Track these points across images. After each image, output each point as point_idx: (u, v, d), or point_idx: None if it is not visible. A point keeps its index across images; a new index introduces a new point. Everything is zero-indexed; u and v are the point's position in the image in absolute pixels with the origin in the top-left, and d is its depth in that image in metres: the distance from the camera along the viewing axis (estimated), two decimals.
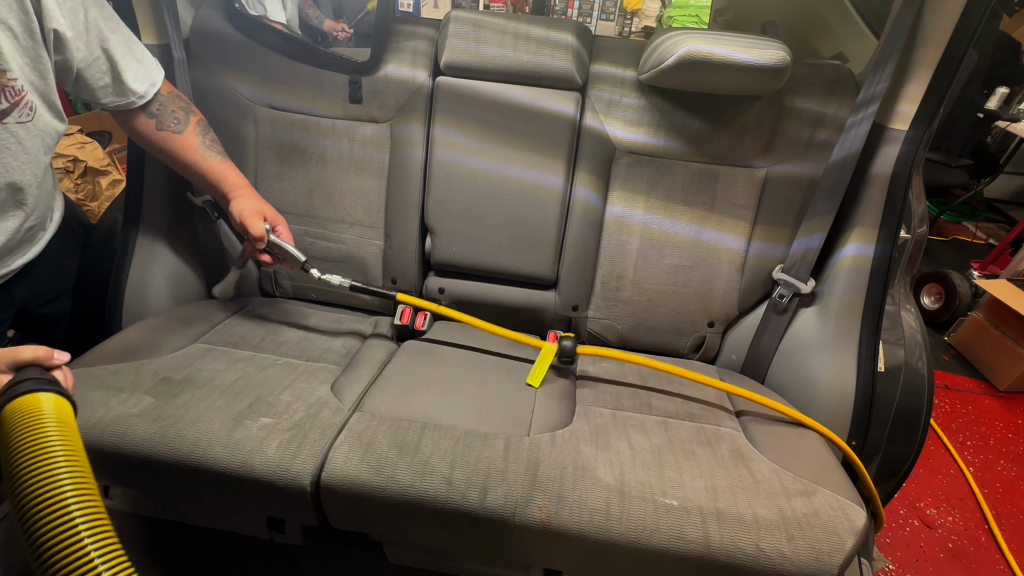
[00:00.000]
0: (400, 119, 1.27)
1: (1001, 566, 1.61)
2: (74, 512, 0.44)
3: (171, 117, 1.03)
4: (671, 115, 1.23)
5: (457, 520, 0.83)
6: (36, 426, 0.49)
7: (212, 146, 1.08)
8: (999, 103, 3.03)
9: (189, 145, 1.05)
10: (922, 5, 1.02)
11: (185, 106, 1.07)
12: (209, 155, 1.07)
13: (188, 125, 1.05)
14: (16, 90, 0.78)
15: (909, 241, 1.11)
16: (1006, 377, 2.29)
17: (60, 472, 0.46)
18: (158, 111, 1.03)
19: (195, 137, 1.05)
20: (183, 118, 1.05)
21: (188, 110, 1.07)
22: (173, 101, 1.05)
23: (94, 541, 0.44)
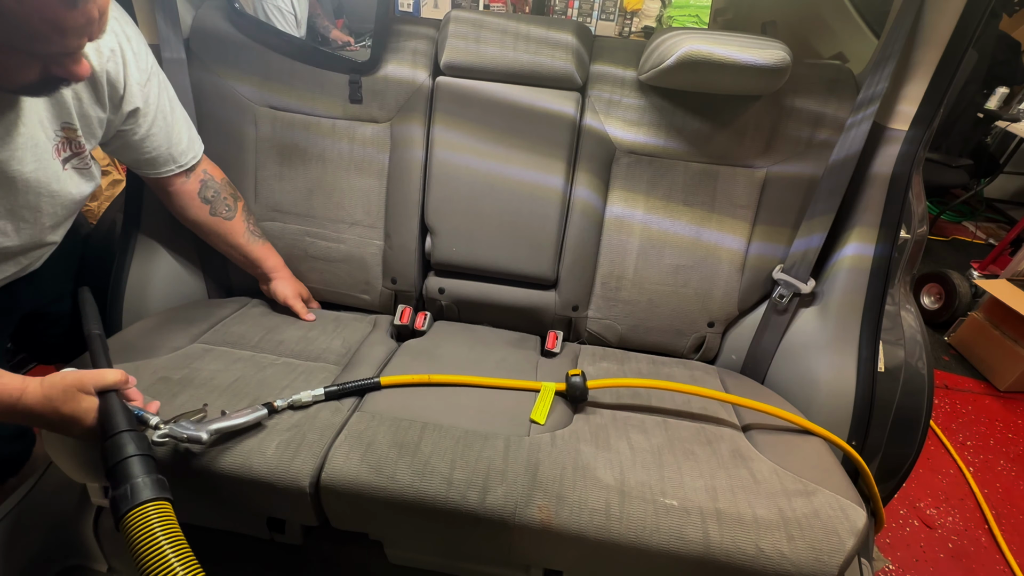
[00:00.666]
0: (400, 119, 1.27)
1: (1001, 566, 1.60)
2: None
3: (223, 204, 1.14)
4: (671, 115, 1.23)
5: (457, 520, 0.83)
6: (151, 537, 0.60)
7: (255, 231, 1.21)
8: (999, 103, 3.03)
9: (237, 231, 1.18)
10: (922, 5, 1.02)
11: (234, 193, 1.18)
12: (253, 240, 1.20)
13: (236, 212, 1.17)
14: (80, 144, 0.88)
15: (909, 241, 1.11)
16: (1006, 377, 2.29)
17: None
18: (212, 197, 1.13)
19: (242, 224, 1.18)
20: (232, 205, 1.17)
21: (236, 197, 1.18)
22: (225, 188, 1.16)
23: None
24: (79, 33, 0.65)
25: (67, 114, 0.85)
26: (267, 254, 1.23)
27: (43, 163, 0.82)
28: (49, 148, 0.83)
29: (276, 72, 1.26)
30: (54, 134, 0.83)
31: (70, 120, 0.85)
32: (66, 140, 0.86)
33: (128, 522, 0.61)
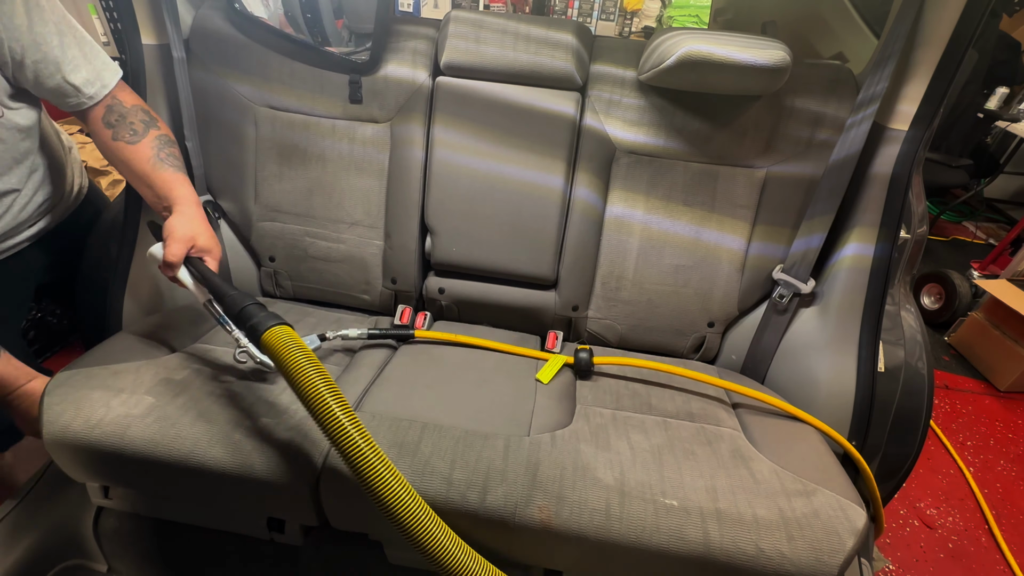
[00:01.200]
0: (400, 119, 1.27)
1: (1001, 566, 1.61)
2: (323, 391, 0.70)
3: (128, 128, 1.02)
4: (671, 115, 1.23)
5: (457, 520, 0.83)
6: (294, 348, 0.74)
7: (167, 160, 1.04)
8: (999, 103, 3.03)
9: (141, 156, 1.02)
10: (922, 5, 1.02)
11: (148, 120, 1.05)
12: (161, 167, 1.02)
13: (145, 137, 1.03)
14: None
15: (909, 241, 1.11)
16: (1006, 377, 2.29)
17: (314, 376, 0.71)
18: (116, 121, 1.02)
19: (149, 150, 1.03)
20: (141, 131, 1.03)
21: (150, 124, 1.05)
22: (135, 113, 1.04)
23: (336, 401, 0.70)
24: None
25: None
26: (176, 184, 1.02)
27: None
28: None
29: (276, 72, 1.26)
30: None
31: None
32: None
33: (269, 338, 0.76)
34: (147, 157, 1.02)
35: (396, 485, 0.69)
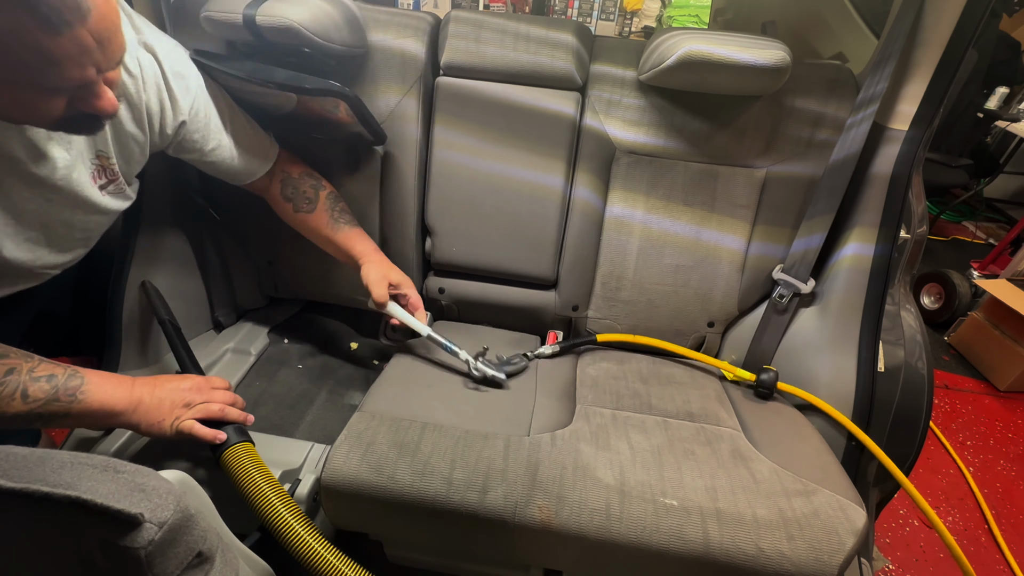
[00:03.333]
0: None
1: (1001, 566, 1.61)
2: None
3: (303, 199, 1.13)
4: (671, 115, 1.23)
5: (457, 520, 0.83)
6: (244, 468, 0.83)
7: (341, 217, 1.14)
8: (999, 103, 3.03)
9: (321, 223, 1.13)
10: (922, 5, 1.02)
11: (315, 183, 1.14)
12: (339, 227, 1.14)
13: (318, 203, 1.13)
14: (115, 171, 0.89)
15: (909, 241, 1.11)
16: (1006, 377, 2.29)
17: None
18: (292, 195, 1.12)
19: (325, 214, 1.13)
20: (313, 196, 1.13)
21: (318, 187, 1.14)
22: (304, 181, 1.14)
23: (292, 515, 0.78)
24: (77, 63, 0.63)
25: (103, 141, 0.85)
26: (354, 240, 1.14)
27: (81, 189, 0.83)
28: (87, 175, 0.84)
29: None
30: (89, 163, 0.84)
31: (104, 148, 0.86)
32: (101, 168, 0.86)
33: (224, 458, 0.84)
34: (325, 222, 1.13)
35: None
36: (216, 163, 1.02)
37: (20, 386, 0.71)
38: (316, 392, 1.21)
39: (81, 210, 0.86)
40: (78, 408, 0.76)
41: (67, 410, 0.75)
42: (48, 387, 0.73)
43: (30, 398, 0.72)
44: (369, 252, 1.15)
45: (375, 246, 1.17)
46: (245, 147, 1.05)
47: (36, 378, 0.72)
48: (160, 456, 0.94)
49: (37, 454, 0.50)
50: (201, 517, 0.53)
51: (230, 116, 1.02)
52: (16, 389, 0.71)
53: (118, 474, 0.49)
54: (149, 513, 0.47)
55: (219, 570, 0.56)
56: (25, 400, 0.71)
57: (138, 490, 0.48)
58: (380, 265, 1.14)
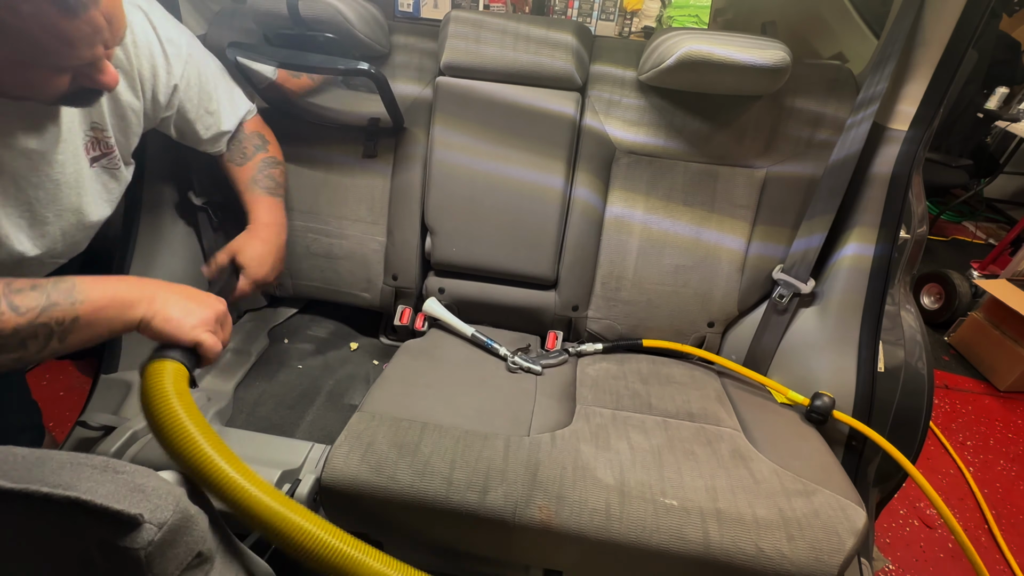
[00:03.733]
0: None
1: (1001, 566, 1.61)
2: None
3: (240, 151, 1.12)
4: (671, 115, 1.23)
5: (457, 520, 0.83)
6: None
7: (262, 181, 1.12)
8: (999, 103, 3.03)
9: (241, 178, 1.12)
10: (922, 5, 1.02)
11: (258, 143, 1.14)
12: (253, 188, 1.11)
13: (250, 160, 1.13)
14: (109, 144, 0.88)
15: (909, 241, 1.11)
16: (1006, 377, 2.29)
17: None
18: (232, 145, 1.12)
19: (249, 171, 1.12)
20: (250, 154, 1.13)
21: (260, 148, 1.14)
22: (250, 139, 1.13)
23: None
24: (89, 42, 0.64)
25: (98, 114, 0.85)
26: (259, 208, 1.10)
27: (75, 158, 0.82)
28: (79, 145, 0.83)
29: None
30: (83, 133, 0.84)
31: (100, 120, 0.86)
32: (95, 140, 0.86)
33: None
34: (247, 179, 1.11)
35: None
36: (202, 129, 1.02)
37: (3, 300, 0.64)
38: (316, 392, 1.21)
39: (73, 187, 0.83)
40: (85, 308, 0.68)
41: (74, 313, 0.67)
42: (36, 294, 0.66)
43: (22, 308, 0.65)
44: (271, 225, 1.09)
45: (277, 222, 1.11)
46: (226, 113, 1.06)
47: (17, 289, 0.66)
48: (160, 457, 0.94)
49: (37, 454, 0.50)
50: (201, 517, 0.53)
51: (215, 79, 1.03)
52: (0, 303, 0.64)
53: (118, 474, 0.49)
54: (149, 514, 0.47)
55: (219, 571, 0.56)
56: (18, 312, 0.64)
57: (138, 491, 0.48)
58: (248, 239, 1.06)
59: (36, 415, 1.15)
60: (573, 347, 1.28)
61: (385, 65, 1.30)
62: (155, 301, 0.73)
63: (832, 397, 1.06)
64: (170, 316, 0.74)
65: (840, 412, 1.06)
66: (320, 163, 1.31)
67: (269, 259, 1.07)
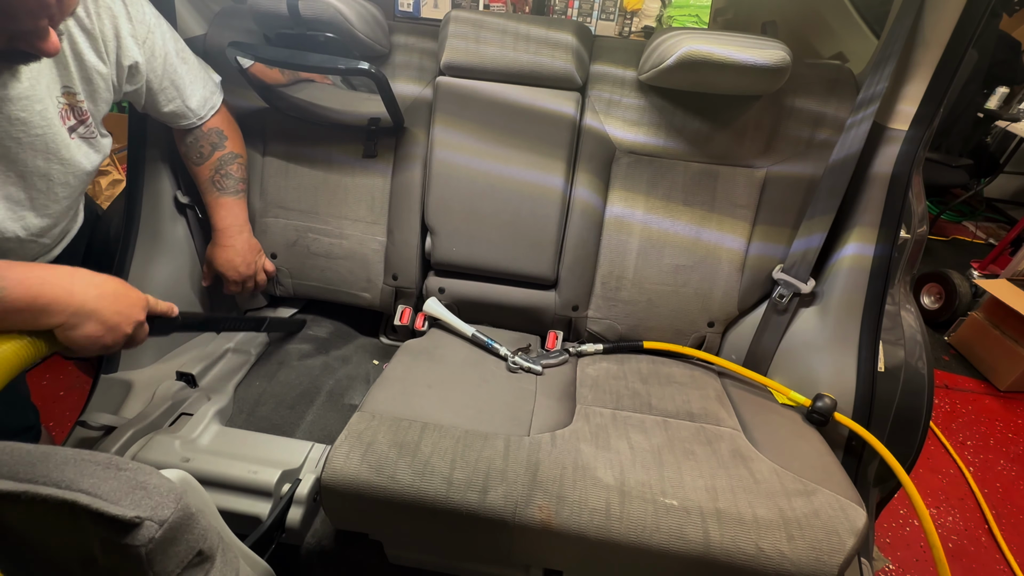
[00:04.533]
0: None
1: (1001, 566, 1.61)
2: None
3: (196, 151, 1.12)
4: (671, 115, 1.23)
5: (457, 520, 0.83)
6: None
7: (221, 181, 1.15)
8: (999, 103, 3.03)
9: (202, 178, 1.14)
10: (922, 5, 1.02)
11: (215, 141, 1.14)
12: (211, 190, 1.14)
13: (208, 160, 1.13)
14: (83, 110, 0.86)
15: (909, 241, 1.11)
16: (1006, 377, 2.29)
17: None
18: (191, 143, 1.12)
19: (208, 171, 1.14)
20: (207, 153, 1.13)
21: (217, 146, 1.14)
22: (208, 136, 1.13)
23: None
24: (32, 15, 0.63)
25: (68, 77, 0.84)
26: (219, 208, 1.12)
27: (51, 128, 0.81)
28: (55, 113, 0.82)
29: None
30: (56, 100, 0.82)
31: (70, 84, 0.84)
32: (69, 107, 0.85)
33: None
34: (205, 179, 1.14)
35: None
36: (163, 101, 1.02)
37: None
38: (316, 392, 1.21)
39: (56, 158, 0.84)
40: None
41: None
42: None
43: None
44: (230, 230, 1.13)
45: (235, 223, 1.15)
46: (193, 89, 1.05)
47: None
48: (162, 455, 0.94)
49: (40, 451, 0.50)
50: (202, 516, 0.53)
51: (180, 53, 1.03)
52: None
53: (120, 472, 0.49)
54: (150, 511, 0.47)
55: (219, 569, 0.56)
56: None
57: (139, 488, 0.48)
58: (231, 252, 1.14)
59: (33, 415, 1.15)
60: (573, 347, 1.28)
61: (385, 65, 1.30)
62: (78, 314, 0.69)
63: (833, 399, 1.06)
64: (90, 333, 0.70)
65: (841, 415, 1.06)
66: (320, 163, 1.32)
67: (236, 260, 1.15)
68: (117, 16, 0.89)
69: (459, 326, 1.25)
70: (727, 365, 1.20)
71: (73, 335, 0.69)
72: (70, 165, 0.86)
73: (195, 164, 1.13)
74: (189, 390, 1.10)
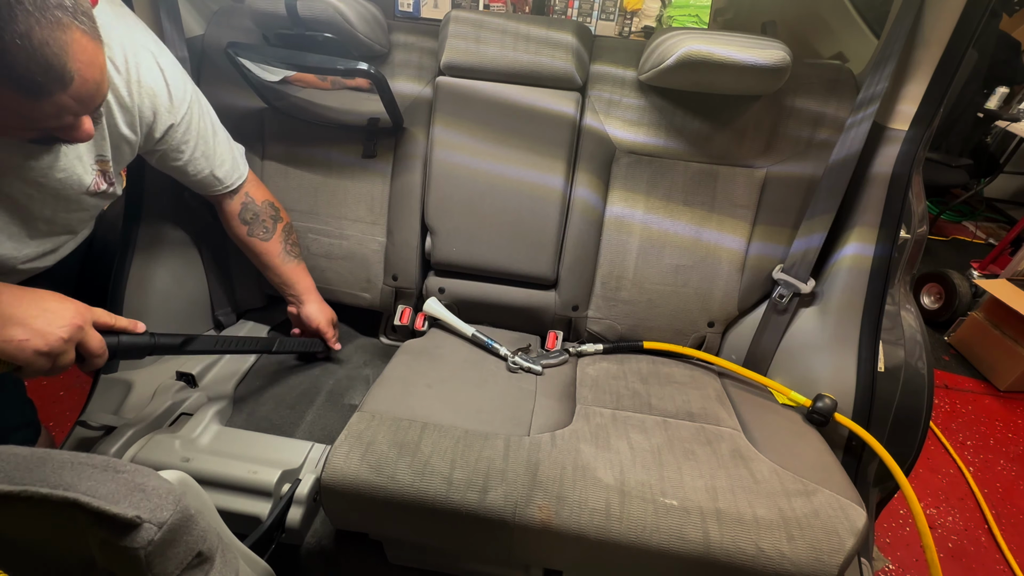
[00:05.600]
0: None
1: (1001, 566, 1.61)
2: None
3: (261, 226, 1.16)
4: (671, 115, 1.23)
5: (457, 520, 0.83)
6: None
7: (292, 250, 1.21)
8: (999, 103, 3.03)
9: (272, 252, 1.18)
10: (922, 5, 1.02)
11: (275, 215, 1.17)
12: (287, 260, 1.20)
13: (274, 234, 1.17)
14: (111, 175, 0.91)
15: (909, 241, 1.11)
16: (1006, 377, 2.29)
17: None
18: (251, 220, 1.14)
19: (278, 244, 1.18)
20: (271, 227, 1.17)
21: (277, 218, 1.18)
22: (265, 210, 1.16)
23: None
24: (54, 118, 0.65)
25: (102, 146, 0.87)
26: (299, 276, 1.23)
27: (84, 190, 0.86)
28: (90, 180, 0.86)
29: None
30: (91, 169, 0.86)
31: (103, 152, 0.88)
32: (101, 173, 0.88)
33: None
34: (277, 252, 1.18)
35: None
36: (192, 171, 1.03)
37: None
38: (316, 392, 1.21)
39: (63, 208, 0.87)
40: None
41: None
42: None
43: None
44: (312, 290, 1.24)
45: (313, 284, 1.26)
46: (222, 159, 1.07)
47: None
48: (161, 457, 0.94)
49: (38, 454, 0.50)
50: (201, 517, 0.53)
51: (213, 126, 1.04)
52: None
53: (118, 474, 0.49)
54: (149, 513, 0.47)
55: (219, 570, 0.56)
56: None
57: (138, 490, 0.48)
58: (323, 307, 1.25)
59: (31, 412, 1.15)
60: (574, 347, 1.28)
61: (385, 65, 1.30)
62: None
63: (834, 399, 1.06)
64: (14, 337, 0.69)
65: (841, 415, 1.06)
66: (320, 163, 1.32)
67: (328, 313, 1.26)
68: (157, 95, 0.90)
69: (459, 326, 1.25)
70: (727, 365, 1.20)
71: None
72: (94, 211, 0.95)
73: (263, 240, 1.17)
74: (189, 390, 1.10)
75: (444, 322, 1.28)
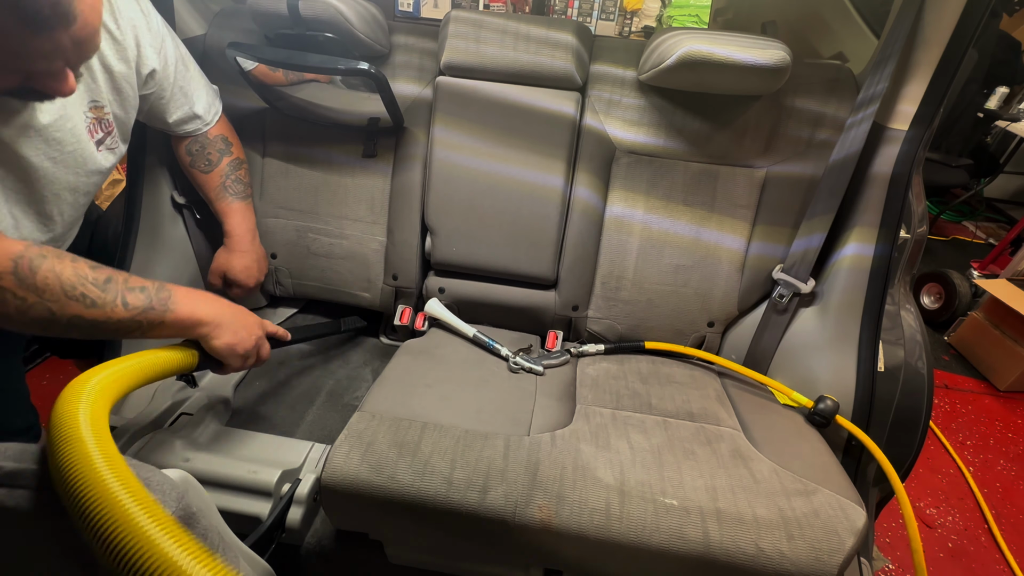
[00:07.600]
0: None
1: (1001, 566, 1.61)
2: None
3: (204, 159, 1.13)
4: (671, 115, 1.23)
5: (457, 520, 0.83)
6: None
7: (232, 187, 1.16)
8: (999, 103, 3.03)
9: (210, 184, 1.15)
10: (922, 5, 1.02)
11: (222, 148, 1.15)
12: (223, 196, 1.15)
13: (216, 167, 1.14)
14: (109, 122, 0.89)
15: (909, 241, 1.11)
16: (1006, 377, 2.29)
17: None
18: (196, 151, 1.13)
19: (218, 178, 1.15)
20: (215, 160, 1.14)
21: (224, 152, 1.15)
22: (214, 144, 1.14)
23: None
24: (47, 58, 0.64)
25: (95, 91, 0.86)
26: (229, 214, 1.15)
27: (80, 143, 0.84)
28: (83, 128, 0.84)
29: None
30: (84, 116, 0.84)
31: (98, 98, 0.86)
32: (96, 120, 0.87)
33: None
34: (214, 186, 1.15)
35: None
36: (174, 109, 1.04)
37: (119, 295, 0.74)
38: (316, 392, 1.21)
39: (83, 171, 0.87)
40: (171, 317, 0.78)
41: (162, 319, 0.78)
42: (143, 296, 0.76)
43: (130, 306, 0.75)
44: (240, 235, 1.16)
45: (249, 228, 1.18)
46: (198, 93, 1.07)
47: (131, 288, 0.76)
48: (162, 455, 0.94)
49: (40, 451, 0.50)
50: (202, 516, 0.53)
51: (185, 61, 1.04)
52: (116, 297, 0.74)
53: None
54: None
55: None
56: (127, 308, 0.74)
57: None
58: (231, 254, 1.16)
59: (33, 416, 1.15)
60: (575, 347, 1.28)
61: (385, 65, 1.30)
62: (220, 326, 0.83)
63: (836, 401, 1.06)
64: (228, 341, 0.84)
65: (843, 418, 1.06)
66: (320, 163, 1.32)
67: (254, 267, 1.18)
68: (138, 27, 0.91)
69: (461, 327, 1.25)
70: (730, 365, 1.20)
71: (216, 344, 0.83)
72: (96, 176, 0.91)
73: (203, 172, 1.14)
74: (189, 390, 1.10)
75: (446, 323, 1.28)
